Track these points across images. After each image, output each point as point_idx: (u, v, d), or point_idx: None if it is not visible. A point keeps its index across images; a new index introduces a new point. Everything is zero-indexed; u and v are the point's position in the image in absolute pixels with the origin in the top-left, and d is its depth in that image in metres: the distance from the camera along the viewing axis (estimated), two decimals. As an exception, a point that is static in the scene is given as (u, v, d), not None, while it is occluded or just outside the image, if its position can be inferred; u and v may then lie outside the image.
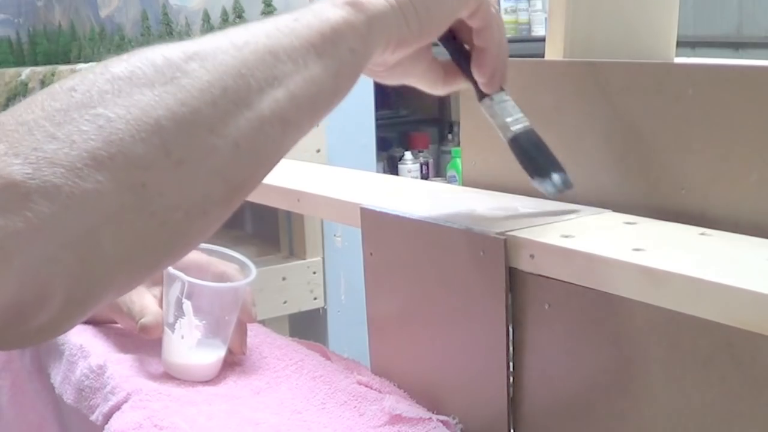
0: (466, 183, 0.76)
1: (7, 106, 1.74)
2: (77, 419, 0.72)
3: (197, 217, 0.42)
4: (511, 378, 0.59)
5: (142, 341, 0.73)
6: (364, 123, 1.42)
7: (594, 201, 0.63)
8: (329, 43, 0.48)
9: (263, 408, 0.66)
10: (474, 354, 0.60)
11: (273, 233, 1.40)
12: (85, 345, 0.74)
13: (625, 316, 0.51)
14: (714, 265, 0.48)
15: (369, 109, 1.42)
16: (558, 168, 0.60)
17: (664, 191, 0.60)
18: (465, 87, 0.61)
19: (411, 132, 2.96)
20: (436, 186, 0.82)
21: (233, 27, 0.47)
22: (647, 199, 0.61)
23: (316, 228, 1.33)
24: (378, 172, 1.93)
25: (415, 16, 0.52)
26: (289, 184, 0.82)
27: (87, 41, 1.87)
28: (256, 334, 0.78)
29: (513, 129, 0.59)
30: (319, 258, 1.34)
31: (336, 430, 0.62)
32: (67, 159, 0.38)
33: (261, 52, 0.45)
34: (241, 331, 0.73)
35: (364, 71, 0.53)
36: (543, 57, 0.70)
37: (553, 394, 0.57)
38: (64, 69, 1.66)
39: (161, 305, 0.73)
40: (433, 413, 0.62)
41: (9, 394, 0.87)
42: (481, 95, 0.60)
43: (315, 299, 1.34)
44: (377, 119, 1.45)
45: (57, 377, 0.75)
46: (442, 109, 3.13)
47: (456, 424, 0.62)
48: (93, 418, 0.68)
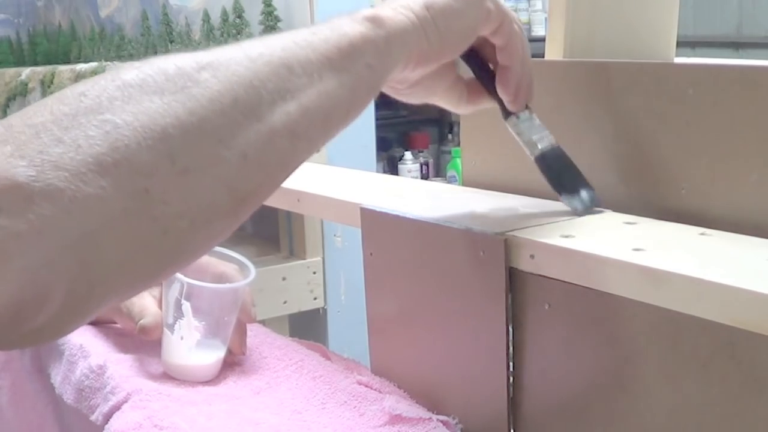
0: (466, 183, 0.76)
1: (7, 106, 1.74)
2: (77, 419, 0.72)
3: (201, 227, 0.42)
4: (511, 378, 0.59)
5: (142, 341, 0.73)
6: (364, 123, 1.42)
7: (594, 201, 0.63)
8: (346, 58, 0.47)
9: (263, 408, 0.66)
10: (474, 354, 0.60)
11: (273, 233, 1.40)
12: (85, 345, 0.74)
13: (625, 316, 0.51)
14: (714, 265, 0.48)
15: (369, 109, 1.42)
16: (586, 185, 0.61)
17: (664, 191, 0.60)
18: (490, 106, 0.61)
19: (411, 132, 2.95)
20: (436, 186, 0.82)
21: (249, 39, 0.46)
22: (647, 199, 0.61)
23: (316, 228, 1.33)
24: (378, 172, 1.93)
25: (436, 31, 0.52)
26: (289, 184, 0.81)
27: (87, 41, 1.87)
28: (256, 334, 0.78)
29: (540, 147, 0.60)
30: (319, 258, 1.33)
31: (336, 430, 0.62)
32: (72, 163, 0.38)
33: (275, 64, 0.45)
34: (241, 332, 0.73)
35: (386, 89, 0.52)
36: (543, 57, 0.70)
37: (553, 394, 0.57)
38: (64, 69, 1.66)
39: (161, 306, 0.72)
40: (433, 413, 0.62)
41: (9, 394, 0.87)
42: (507, 113, 0.60)
43: (315, 299, 1.34)
44: (377, 119, 1.45)
45: (57, 377, 0.75)
46: (442, 110, 3.10)
47: (456, 424, 0.62)
48: (93, 418, 0.68)
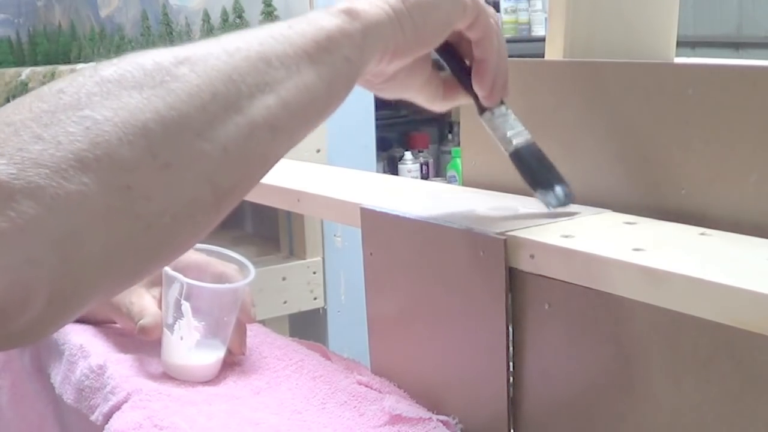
0: (466, 183, 0.76)
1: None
2: (77, 419, 0.72)
3: (184, 222, 0.42)
4: (511, 378, 0.59)
5: (142, 341, 0.73)
6: (364, 123, 1.42)
7: (594, 201, 0.63)
8: (323, 51, 0.47)
9: (263, 408, 0.66)
10: (474, 354, 0.60)
11: (273, 233, 1.40)
12: (85, 345, 0.74)
13: (625, 316, 0.51)
14: (714, 265, 0.48)
15: (369, 109, 1.42)
16: (560, 180, 0.60)
17: (664, 191, 0.60)
18: (465, 102, 0.61)
19: (411, 132, 2.95)
20: (436, 186, 0.82)
21: (226, 34, 0.46)
22: (647, 199, 0.61)
23: (316, 228, 1.33)
24: (378, 172, 1.93)
25: (411, 23, 0.52)
26: (289, 184, 0.82)
27: (87, 41, 1.87)
28: (255, 334, 0.78)
29: (514, 143, 0.60)
30: (319, 258, 1.34)
31: (336, 430, 0.62)
32: (52, 160, 0.38)
33: (253, 58, 0.45)
34: (241, 332, 0.73)
35: (361, 83, 0.52)
36: (543, 57, 0.70)
37: (553, 394, 0.57)
38: (64, 69, 1.66)
39: (160, 306, 0.72)
40: (433, 413, 0.62)
41: (9, 394, 0.87)
42: (482, 109, 0.60)
43: (315, 299, 1.34)
44: (377, 119, 1.45)
45: (57, 377, 0.75)
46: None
47: (456, 424, 0.62)
48: (93, 418, 0.68)
